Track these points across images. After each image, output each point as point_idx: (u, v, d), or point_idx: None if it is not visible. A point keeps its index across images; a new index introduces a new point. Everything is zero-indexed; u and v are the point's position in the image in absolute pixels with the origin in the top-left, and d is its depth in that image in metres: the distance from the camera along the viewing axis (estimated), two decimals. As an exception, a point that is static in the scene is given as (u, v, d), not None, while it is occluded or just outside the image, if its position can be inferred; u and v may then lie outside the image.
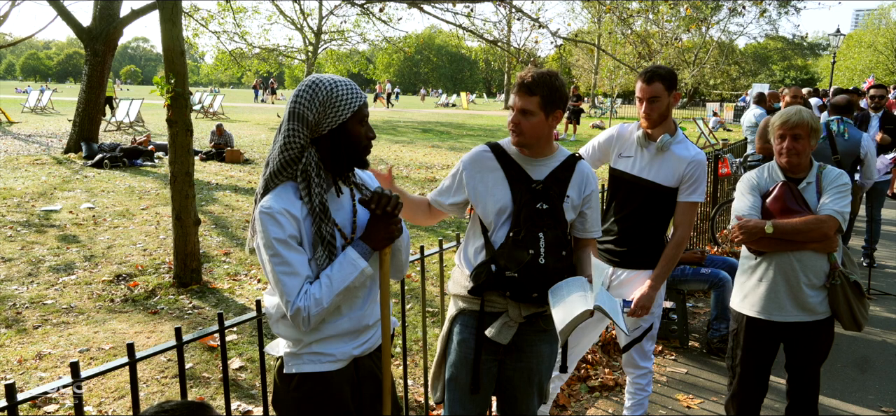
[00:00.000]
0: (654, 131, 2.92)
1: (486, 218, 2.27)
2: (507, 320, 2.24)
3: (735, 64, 49.38)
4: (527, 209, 2.21)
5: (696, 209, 3.01)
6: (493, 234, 2.26)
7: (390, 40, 27.54)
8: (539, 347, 2.34)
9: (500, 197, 2.25)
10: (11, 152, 13.49)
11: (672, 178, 2.89)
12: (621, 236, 3.04)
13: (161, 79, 5.35)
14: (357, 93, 1.80)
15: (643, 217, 2.97)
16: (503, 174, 2.27)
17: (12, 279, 5.64)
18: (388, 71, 74.24)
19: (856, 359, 4.41)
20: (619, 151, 3.05)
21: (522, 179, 2.25)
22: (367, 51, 33.24)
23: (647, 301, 2.91)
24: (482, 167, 2.31)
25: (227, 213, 8.42)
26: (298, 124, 1.76)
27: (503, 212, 2.24)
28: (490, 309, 2.26)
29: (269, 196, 1.77)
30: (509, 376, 2.35)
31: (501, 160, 2.30)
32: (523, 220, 2.19)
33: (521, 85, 2.20)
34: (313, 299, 1.71)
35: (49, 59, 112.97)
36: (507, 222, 2.24)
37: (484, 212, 2.28)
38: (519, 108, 2.21)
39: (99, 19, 12.90)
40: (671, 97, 2.88)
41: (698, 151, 2.91)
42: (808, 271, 2.72)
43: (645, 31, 15.05)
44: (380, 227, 1.81)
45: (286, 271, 1.71)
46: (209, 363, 4.15)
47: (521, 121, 2.21)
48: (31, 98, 28.54)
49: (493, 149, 2.34)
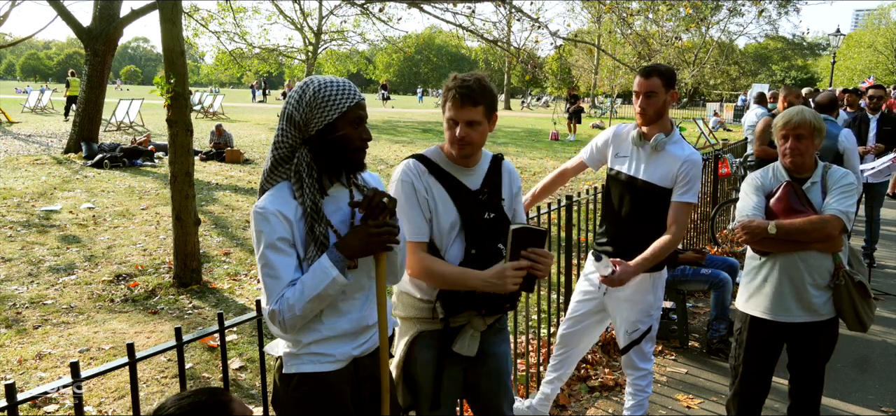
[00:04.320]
0: (649, 130, 2.89)
1: (440, 235, 2.15)
2: (471, 331, 2.22)
3: (735, 64, 49.33)
4: (477, 222, 2.16)
5: (690, 210, 2.97)
6: (446, 252, 2.15)
7: (390, 40, 27.53)
8: (500, 347, 2.36)
9: (448, 212, 2.15)
10: (11, 152, 13.49)
11: (667, 178, 2.86)
12: (618, 236, 3.02)
13: (161, 79, 5.35)
14: (349, 94, 1.77)
15: (639, 218, 2.94)
16: (443, 188, 2.15)
17: (12, 279, 5.64)
18: (388, 71, 74.23)
19: (856, 359, 4.40)
20: (615, 151, 3.04)
21: (462, 191, 2.17)
22: (366, 51, 33.23)
23: (623, 275, 2.80)
24: (427, 181, 2.16)
25: (227, 213, 8.42)
26: (287, 124, 1.78)
27: (454, 227, 2.16)
28: (455, 324, 2.22)
29: (265, 196, 1.78)
30: (477, 382, 2.34)
31: (435, 173, 2.17)
32: (478, 233, 2.15)
33: (464, 96, 2.06)
34: (287, 304, 1.71)
35: (49, 59, 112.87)
36: (458, 237, 2.16)
37: (438, 228, 2.15)
38: (465, 120, 2.08)
39: (99, 19, 12.89)
40: (668, 95, 2.86)
41: (693, 151, 2.89)
42: (812, 272, 2.71)
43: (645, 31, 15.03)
44: (357, 234, 1.77)
45: (269, 272, 1.73)
46: (209, 363, 4.15)
47: (469, 133, 2.09)
48: (31, 98, 28.54)
49: (423, 162, 2.18)
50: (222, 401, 1.29)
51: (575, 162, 3.25)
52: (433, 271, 2.13)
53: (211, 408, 1.26)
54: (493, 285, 2.06)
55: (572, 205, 3.94)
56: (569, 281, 4.15)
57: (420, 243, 2.15)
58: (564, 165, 3.28)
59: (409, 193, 2.14)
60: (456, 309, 2.16)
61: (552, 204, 3.77)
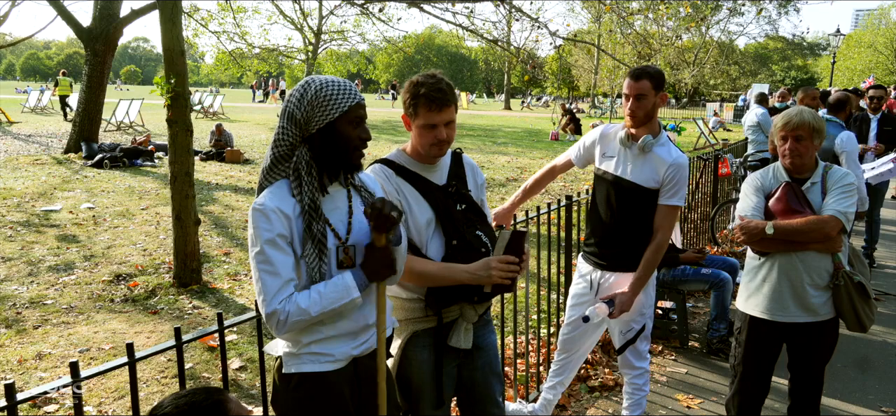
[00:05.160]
0: (637, 131, 2.90)
1: (418, 233, 2.17)
2: (465, 324, 2.25)
3: (735, 64, 49.36)
4: (451, 214, 2.19)
5: (677, 213, 2.98)
6: (426, 248, 2.18)
7: (390, 40, 27.51)
8: (489, 338, 2.41)
9: (422, 210, 2.18)
10: (11, 152, 13.49)
11: (653, 179, 2.87)
12: (605, 237, 3.03)
13: (161, 79, 5.35)
14: (349, 94, 1.79)
15: (626, 219, 2.95)
16: (412, 187, 2.19)
17: (12, 279, 5.64)
18: (388, 71, 74.23)
19: (856, 359, 4.40)
20: (602, 150, 3.04)
21: (431, 188, 2.20)
22: (367, 51, 33.21)
23: (626, 304, 2.89)
24: (397, 183, 2.18)
25: (227, 213, 8.42)
26: (288, 122, 1.79)
27: (430, 223, 2.18)
28: (447, 319, 2.25)
29: (264, 193, 1.78)
30: (472, 376, 2.36)
31: (403, 174, 2.20)
32: (455, 224, 2.18)
33: (440, 100, 2.08)
34: (297, 307, 1.72)
35: (49, 60, 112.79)
36: (436, 233, 2.19)
37: (415, 226, 2.17)
38: (444, 121, 2.11)
39: (99, 19, 12.89)
40: (658, 97, 2.86)
41: (680, 154, 2.90)
42: (811, 272, 2.71)
43: (645, 31, 15.03)
44: (376, 259, 1.81)
45: (268, 269, 1.72)
46: (209, 363, 4.15)
47: (449, 133, 2.14)
48: (32, 98, 28.54)
49: (389, 165, 2.21)
50: (219, 400, 1.29)
51: (563, 159, 3.27)
52: (419, 272, 2.14)
53: (208, 408, 1.27)
54: (479, 277, 2.12)
55: (572, 205, 3.94)
56: (568, 281, 4.15)
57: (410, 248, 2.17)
58: (553, 162, 3.31)
59: (392, 191, 2.17)
60: (446, 301, 2.19)
61: (552, 204, 3.77)
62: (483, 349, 2.37)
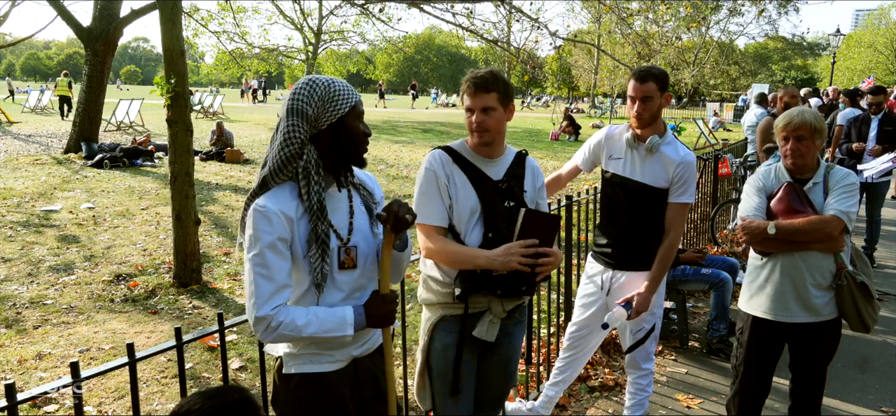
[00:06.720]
0: (643, 132, 2.92)
1: (460, 221, 2.27)
2: (491, 317, 2.29)
3: (735, 64, 49.34)
4: (496, 209, 2.25)
5: (687, 210, 3.02)
6: (466, 237, 2.26)
7: (390, 40, 27.51)
8: (516, 335, 2.44)
9: (468, 198, 2.26)
10: (11, 152, 13.49)
11: (662, 179, 2.89)
12: (616, 238, 3.04)
13: (161, 79, 5.35)
14: (351, 92, 1.82)
15: (636, 219, 2.97)
16: (465, 176, 2.28)
17: (12, 279, 5.64)
18: (388, 71, 74.22)
19: (856, 359, 4.40)
20: (609, 152, 3.05)
21: (484, 180, 2.28)
22: (366, 51, 33.18)
23: (645, 304, 2.91)
24: (450, 170, 2.29)
25: (227, 213, 8.42)
26: (298, 120, 1.76)
27: (474, 213, 2.26)
28: (473, 310, 2.30)
29: (266, 196, 1.76)
30: (487, 368, 2.42)
31: (459, 163, 2.30)
32: (496, 220, 2.24)
33: (477, 84, 2.21)
34: (292, 321, 1.71)
35: (49, 60, 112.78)
36: (478, 223, 2.26)
37: (458, 214, 2.27)
38: (480, 107, 2.22)
39: (99, 19, 12.89)
40: (662, 99, 2.88)
41: (687, 152, 2.91)
42: (813, 272, 2.71)
43: (645, 32, 15.02)
44: (380, 307, 1.83)
45: (263, 273, 1.71)
46: (209, 363, 4.15)
47: (484, 119, 2.23)
48: (31, 98, 28.53)
49: (448, 152, 2.32)
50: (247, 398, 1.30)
51: (569, 167, 3.27)
52: (445, 251, 2.24)
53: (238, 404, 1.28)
54: (498, 262, 2.15)
55: (572, 205, 3.94)
56: (569, 281, 4.15)
57: (438, 227, 2.27)
58: (558, 171, 3.29)
59: (430, 180, 2.27)
60: (472, 288, 2.22)
61: (552, 204, 3.77)
62: (505, 344, 2.40)
